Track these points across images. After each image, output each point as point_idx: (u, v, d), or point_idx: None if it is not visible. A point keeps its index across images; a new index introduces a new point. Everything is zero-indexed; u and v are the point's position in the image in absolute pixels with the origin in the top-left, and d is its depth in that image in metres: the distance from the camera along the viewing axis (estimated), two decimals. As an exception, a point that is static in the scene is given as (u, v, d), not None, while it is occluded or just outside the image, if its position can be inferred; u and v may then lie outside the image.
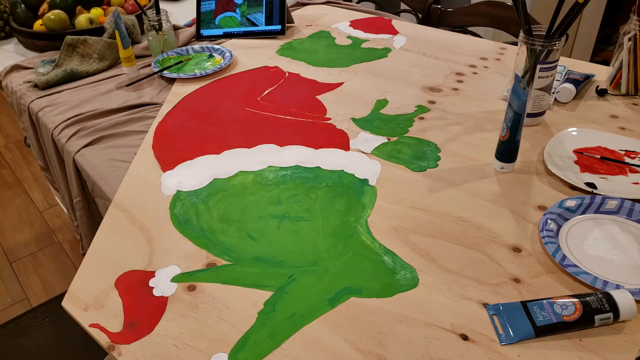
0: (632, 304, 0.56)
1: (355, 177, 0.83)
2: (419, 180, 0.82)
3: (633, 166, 0.81)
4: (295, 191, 0.80)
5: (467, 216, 0.74)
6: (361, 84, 1.11)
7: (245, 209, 0.77)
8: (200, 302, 0.63)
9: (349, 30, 1.40)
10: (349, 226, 0.73)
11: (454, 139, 0.92)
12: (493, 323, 0.59)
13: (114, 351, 0.58)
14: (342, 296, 0.63)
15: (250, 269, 0.67)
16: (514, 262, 0.66)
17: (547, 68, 0.88)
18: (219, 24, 1.38)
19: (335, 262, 0.68)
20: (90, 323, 0.61)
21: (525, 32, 0.87)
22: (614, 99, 1.02)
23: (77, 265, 1.81)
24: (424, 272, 0.66)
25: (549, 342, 0.56)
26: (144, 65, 1.24)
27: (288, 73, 1.17)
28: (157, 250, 0.71)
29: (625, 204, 0.72)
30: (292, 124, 0.98)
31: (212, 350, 0.57)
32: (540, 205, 0.75)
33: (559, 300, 0.58)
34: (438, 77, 1.13)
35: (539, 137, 0.91)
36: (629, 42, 0.98)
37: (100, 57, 1.24)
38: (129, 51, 1.17)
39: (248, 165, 0.86)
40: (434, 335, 0.58)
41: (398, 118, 0.98)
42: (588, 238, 0.69)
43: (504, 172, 0.83)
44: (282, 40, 1.35)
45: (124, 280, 0.66)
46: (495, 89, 1.07)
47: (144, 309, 0.62)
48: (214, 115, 1.02)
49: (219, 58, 1.24)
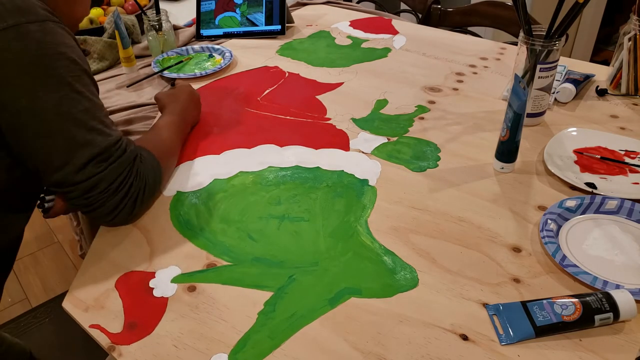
0: (632, 304, 0.56)
1: (355, 177, 0.83)
2: (419, 180, 0.82)
3: (633, 166, 0.81)
4: (295, 191, 0.80)
5: (467, 216, 0.74)
6: (361, 84, 1.11)
7: (245, 209, 0.77)
8: (200, 303, 0.63)
9: (349, 30, 1.40)
10: (349, 226, 0.73)
11: (454, 139, 0.92)
12: (493, 323, 0.59)
13: (114, 352, 0.58)
14: (342, 296, 0.63)
15: (250, 269, 0.67)
16: (514, 262, 0.66)
17: (547, 68, 0.88)
18: (219, 24, 1.38)
19: (335, 262, 0.68)
20: (90, 324, 0.61)
21: (525, 32, 0.87)
22: (614, 99, 1.02)
23: (77, 265, 1.81)
24: (424, 272, 0.66)
25: (549, 342, 0.56)
26: (144, 65, 1.24)
27: (288, 73, 1.17)
28: (157, 250, 0.71)
29: (625, 204, 0.72)
30: (292, 124, 0.98)
31: (212, 351, 0.57)
32: (540, 205, 0.75)
33: (559, 300, 0.58)
34: (438, 77, 1.13)
35: (539, 137, 0.91)
36: (629, 42, 0.98)
37: (100, 57, 1.24)
38: (129, 51, 1.17)
39: (248, 165, 0.86)
40: (434, 335, 0.58)
41: (398, 118, 0.98)
42: (588, 238, 0.69)
43: (504, 172, 0.83)
44: (282, 40, 1.35)
45: (124, 281, 0.66)
46: (495, 89, 1.07)
47: (144, 310, 0.62)
48: (214, 115, 1.02)
49: (219, 58, 1.24)
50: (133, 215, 0.73)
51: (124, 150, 0.69)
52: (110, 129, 0.69)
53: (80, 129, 0.65)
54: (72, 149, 0.65)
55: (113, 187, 0.68)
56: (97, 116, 0.67)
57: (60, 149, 0.64)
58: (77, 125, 0.65)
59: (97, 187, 0.67)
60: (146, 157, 0.74)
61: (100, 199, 0.68)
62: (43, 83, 0.62)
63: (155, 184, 0.75)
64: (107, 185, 0.67)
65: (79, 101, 0.65)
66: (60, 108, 0.63)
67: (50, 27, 0.64)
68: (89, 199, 0.67)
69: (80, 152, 0.65)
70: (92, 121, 0.66)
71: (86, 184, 0.66)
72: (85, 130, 0.65)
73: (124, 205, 0.70)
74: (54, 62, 0.63)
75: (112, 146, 0.68)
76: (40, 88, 0.62)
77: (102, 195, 0.67)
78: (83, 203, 0.68)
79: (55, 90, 0.63)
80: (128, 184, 0.69)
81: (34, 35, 0.61)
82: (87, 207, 0.68)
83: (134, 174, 0.70)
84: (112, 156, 0.68)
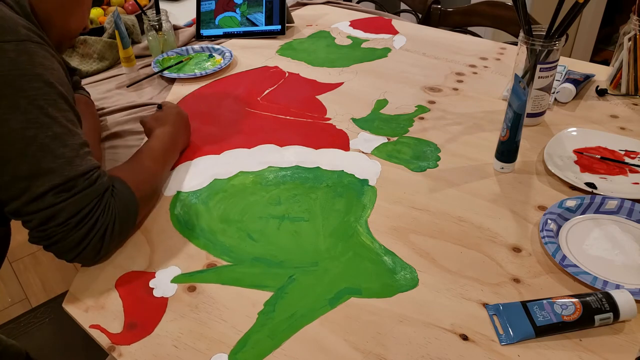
0: (632, 304, 0.56)
1: (355, 177, 0.83)
2: (419, 180, 0.82)
3: (633, 166, 0.81)
4: (295, 191, 0.80)
5: (467, 216, 0.74)
6: (361, 84, 1.11)
7: (246, 209, 0.77)
8: (201, 303, 0.63)
9: (349, 30, 1.40)
10: (349, 226, 0.73)
11: (454, 139, 0.92)
12: (493, 323, 0.59)
13: (114, 352, 0.58)
14: (342, 296, 0.63)
15: (250, 269, 0.67)
16: (514, 262, 0.66)
17: (547, 68, 0.88)
18: (219, 24, 1.38)
19: (335, 262, 0.68)
20: (90, 324, 0.61)
21: (525, 32, 0.87)
22: (614, 99, 1.02)
23: (77, 266, 1.81)
24: (424, 272, 0.66)
25: (549, 342, 0.56)
26: (144, 65, 1.24)
27: (288, 73, 1.17)
28: (157, 251, 0.71)
29: (625, 204, 0.72)
30: (292, 124, 0.98)
31: (212, 351, 0.57)
32: (540, 205, 0.75)
33: (559, 300, 0.58)
34: (438, 77, 1.13)
35: (539, 137, 0.91)
36: (629, 42, 0.98)
37: (100, 57, 1.24)
38: (129, 51, 1.17)
39: (248, 165, 0.86)
40: (434, 335, 0.58)
41: (398, 118, 0.98)
42: (588, 238, 0.69)
43: (504, 172, 0.83)
44: (282, 40, 1.35)
45: (124, 281, 0.66)
46: (495, 89, 1.07)
47: (144, 310, 0.62)
48: (214, 115, 1.02)
49: (219, 58, 1.24)
50: (101, 253, 0.66)
51: (93, 181, 0.64)
52: (83, 159, 0.64)
53: (45, 156, 0.60)
54: (34, 176, 0.60)
55: (74, 220, 0.62)
56: (69, 144, 0.62)
57: (21, 175, 0.60)
58: (43, 151, 0.60)
59: (54, 219, 0.61)
60: (120, 190, 0.68)
61: (59, 232, 0.62)
62: (11, 104, 0.59)
63: (128, 220, 0.69)
64: (66, 217, 0.61)
65: (49, 126, 0.61)
66: (27, 132, 0.60)
67: (29, 48, 0.61)
68: (46, 231, 0.62)
69: (41, 180, 0.60)
70: (61, 149, 0.62)
71: (43, 214, 0.61)
72: (51, 158, 0.61)
73: (88, 242, 0.64)
74: (27, 84, 0.60)
75: (79, 177, 0.62)
76: (8, 109, 0.59)
77: (60, 228, 0.61)
78: (40, 236, 0.62)
79: (23, 112, 0.59)
80: (93, 218, 0.63)
81: (8, 54, 0.59)
82: (46, 240, 0.62)
83: (102, 208, 0.64)
84: (77, 187, 0.62)
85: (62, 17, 0.73)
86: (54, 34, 0.73)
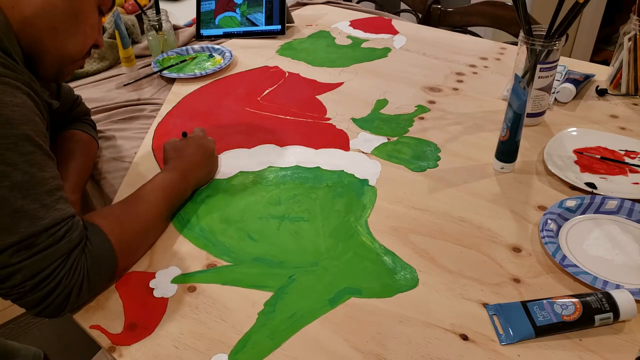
0: (632, 304, 0.56)
1: (355, 177, 0.83)
2: (419, 180, 0.82)
3: (633, 166, 0.81)
4: (295, 191, 0.80)
5: (467, 216, 0.74)
6: (361, 84, 1.11)
7: (246, 209, 0.77)
8: (201, 303, 0.63)
9: (349, 30, 1.40)
10: (349, 226, 0.73)
11: (454, 139, 0.92)
12: (493, 323, 0.59)
13: (114, 352, 0.58)
14: (342, 296, 0.63)
15: (250, 269, 0.67)
16: (514, 262, 0.66)
17: (547, 68, 0.88)
18: (219, 24, 1.38)
19: (335, 262, 0.68)
20: (91, 324, 0.61)
21: (525, 32, 0.87)
22: (614, 99, 1.02)
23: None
24: (424, 272, 0.66)
25: (549, 342, 0.56)
26: (144, 65, 1.24)
27: (288, 73, 1.17)
28: (158, 251, 0.71)
29: (625, 204, 0.72)
30: (292, 124, 0.98)
31: (212, 351, 0.57)
32: (540, 205, 0.75)
33: (559, 300, 0.58)
34: (438, 77, 1.13)
35: (539, 137, 0.91)
36: (629, 42, 0.98)
37: (100, 57, 1.24)
38: (129, 51, 1.17)
39: (248, 165, 0.87)
40: (434, 335, 0.58)
41: (398, 118, 0.98)
42: (588, 238, 0.69)
43: (504, 172, 0.83)
44: (282, 40, 1.35)
45: (124, 281, 0.66)
46: (495, 89, 1.07)
47: (144, 310, 0.62)
48: (214, 115, 1.02)
49: (219, 58, 1.24)
50: (66, 310, 0.59)
51: (59, 238, 0.56)
52: (49, 209, 0.56)
53: (1, 210, 0.53)
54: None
55: (31, 283, 0.55)
56: (30, 194, 0.55)
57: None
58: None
59: (10, 280, 0.54)
60: (95, 245, 0.60)
61: (14, 294, 0.55)
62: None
63: (100, 279, 0.62)
64: (21, 280, 0.54)
65: (6, 175, 0.53)
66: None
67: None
68: (2, 290, 0.55)
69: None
70: (20, 201, 0.54)
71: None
72: (7, 212, 0.53)
73: (49, 303, 0.57)
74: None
75: (41, 233, 0.55)
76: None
77: (15, 290, 0.55)
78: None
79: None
80: (55, 280, 0.56)
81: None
82: (6, 297, 0.56)
83: (68, 268, 0.57)
84: (38, 245, 0.55)
85: (56, 41, 0.65)
86: (49, 60, 0.67)
